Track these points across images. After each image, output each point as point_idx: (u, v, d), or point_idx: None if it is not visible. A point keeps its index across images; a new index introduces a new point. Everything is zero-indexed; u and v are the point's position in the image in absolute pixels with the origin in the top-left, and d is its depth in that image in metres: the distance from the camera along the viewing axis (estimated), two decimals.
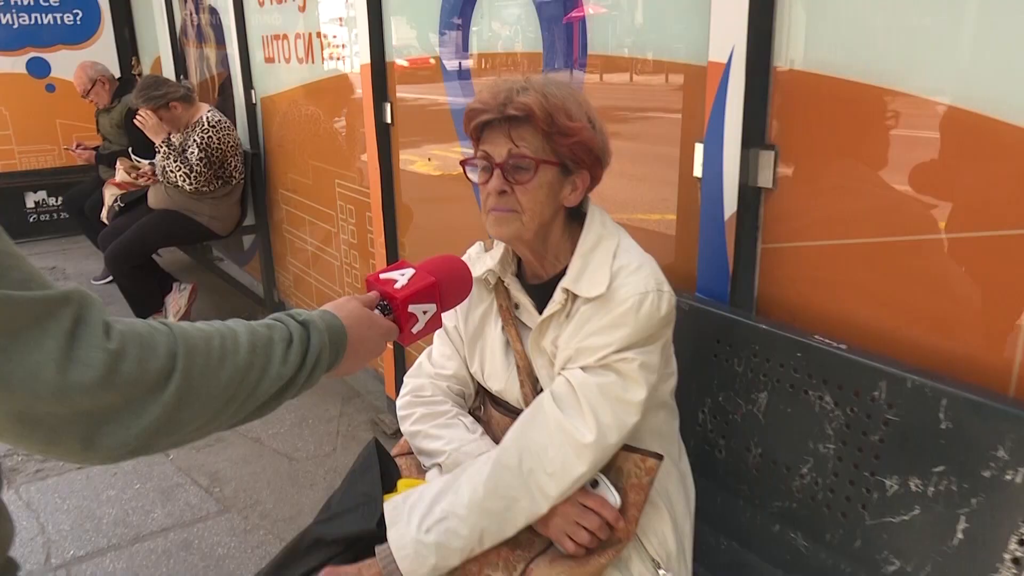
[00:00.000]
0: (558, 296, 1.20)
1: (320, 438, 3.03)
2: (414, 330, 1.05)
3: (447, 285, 1.09)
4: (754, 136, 1.40)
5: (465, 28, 2.28)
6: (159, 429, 0.73)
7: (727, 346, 1.45)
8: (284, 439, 3.04)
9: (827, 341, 1.30)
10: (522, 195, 1.18)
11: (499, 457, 1.16)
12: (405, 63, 2.65)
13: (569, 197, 1.22)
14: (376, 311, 1.03)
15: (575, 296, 1.19)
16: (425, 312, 1.05)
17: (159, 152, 3.74)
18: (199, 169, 3.70)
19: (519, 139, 1.16)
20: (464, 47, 2.30)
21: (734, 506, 1.47)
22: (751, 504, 1.44)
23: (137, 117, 3.74)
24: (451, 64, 2.39)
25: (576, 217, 1.26)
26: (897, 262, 1.28)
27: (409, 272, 1.07)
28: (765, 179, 1.42)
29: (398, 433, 1.40)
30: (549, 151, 1.17)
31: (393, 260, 2.97)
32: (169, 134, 3.76)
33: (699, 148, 1.50)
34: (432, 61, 2.49)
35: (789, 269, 1.45)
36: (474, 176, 1.23)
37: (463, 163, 1.25)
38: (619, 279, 1.16)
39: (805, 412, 1.32)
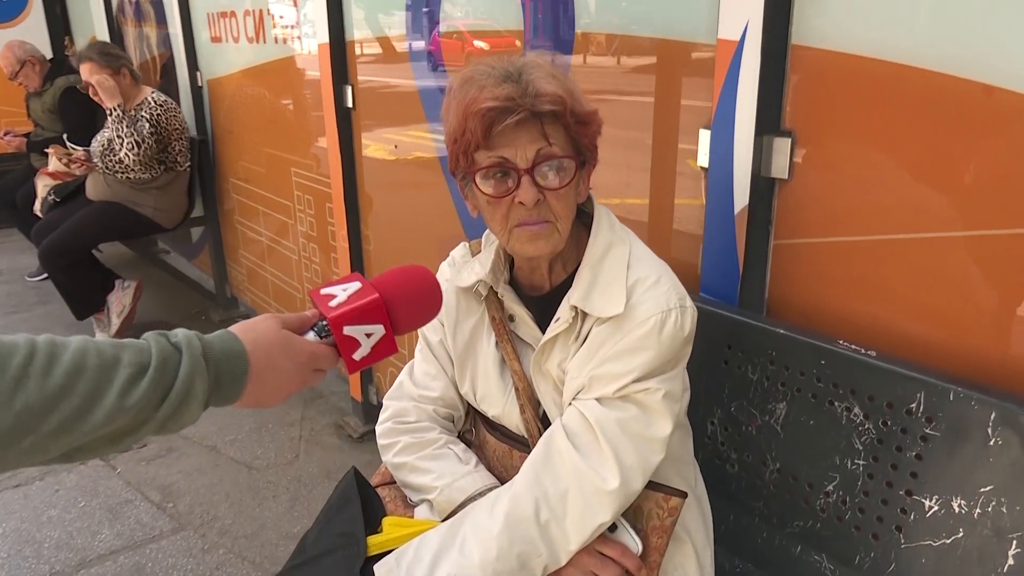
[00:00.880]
0: (564, 314, 1.04)
1: (281, 444, 2.85)
2: (356, 356, 0.88)
3: (400, 303, 0.90)
4: (768, 122, 1.27)
5: (435, 3, 2.10)
6: None
7: (739, 352, 1.33)
8: (242, 446, 2.85)
9: (854, 347, 1.18)
10: (556, 201, 1.01)
11: (511, 507, 1.00)
12: (367, 42, 2.46)
13: (581, 194, 1.08)
14: (311, 333, 0.88)
15: (585, 314, 1.04)
16: (369, 335, 0.88)
17: (111, 115, 3.37)
18: (149, 143, 3.43)
19: (551, 135, 0.98)
20: (433, 24, 2.13)
21: (748, 525, 1.35)
22: (768, 523, 1.32)
23: (94, 76, 3.34)
24: (418, 43, 2.21)
25: (579, 218, 1.11)
26: (928, 261, 1.16)
27: (354, 287, 0.90)
28: (780, 169, 1.29)
29: (364, 437, 1.24)
30: (571, 144, 1.02)
31: (357, 253, 2.80)
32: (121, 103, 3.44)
33: (705, 135, 1.37)
34: (397, 40, 2.30)
35: (804, 267, 1.33)
36: (488, 188, 1.01)
37: (471, 175, 1.02)
38: (636, 295, 1.01)
39: (830, 425, 1.21)
